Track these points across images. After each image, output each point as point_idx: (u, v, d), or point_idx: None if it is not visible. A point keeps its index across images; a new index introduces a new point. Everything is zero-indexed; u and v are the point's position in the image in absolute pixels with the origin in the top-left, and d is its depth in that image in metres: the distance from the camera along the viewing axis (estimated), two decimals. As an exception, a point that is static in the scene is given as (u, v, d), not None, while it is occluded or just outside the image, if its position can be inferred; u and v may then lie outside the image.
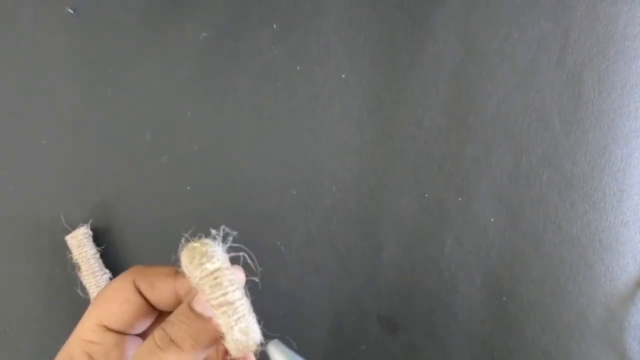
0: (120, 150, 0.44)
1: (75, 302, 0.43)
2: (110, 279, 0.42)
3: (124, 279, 0.29)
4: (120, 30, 0.44)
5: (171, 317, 0.26)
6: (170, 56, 0.44)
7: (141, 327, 0.29)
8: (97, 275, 0.42)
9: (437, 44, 0.43)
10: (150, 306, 0.29)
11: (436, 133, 0.43)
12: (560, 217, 0.42)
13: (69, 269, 0.43)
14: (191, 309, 0.26)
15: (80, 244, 0.42)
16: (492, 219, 0.42)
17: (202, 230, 0.26)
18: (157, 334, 0.26)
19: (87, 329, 0.28)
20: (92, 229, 0.43)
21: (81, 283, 0.42)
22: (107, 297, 0.28)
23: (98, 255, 0.43)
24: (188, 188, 0.43)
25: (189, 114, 0.44)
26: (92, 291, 0.42)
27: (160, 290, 0.28)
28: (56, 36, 0.44)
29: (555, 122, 0.42)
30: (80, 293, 0.42)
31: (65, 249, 0.43)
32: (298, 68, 0.43)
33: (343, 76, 0.43)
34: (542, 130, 0.42)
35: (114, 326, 0.28)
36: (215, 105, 0.44)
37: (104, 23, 0.44)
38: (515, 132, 0.42)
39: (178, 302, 0.28)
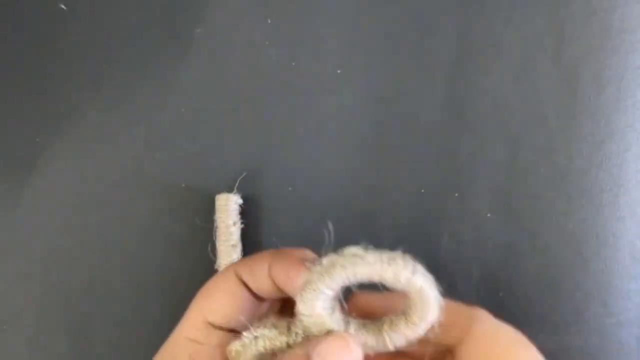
0: (114, 150, 0.44)
1: (73, 301, 0.43)
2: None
3: (227, 271, 0.28)
4: (113, 28, 0.44)
5: None
6: (164, 52, 0.44)
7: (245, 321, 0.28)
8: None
9: (433, 39, 0.42)
10: (255, 297, 0.28)
11: (432, 128, 0.43)
12: (557, 212, 0.42)
13: (64, 268, 0.43)
14: None
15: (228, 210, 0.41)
16: (488, 214, 0.42)
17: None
18: None
19: (192, 326, 0.27)
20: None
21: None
22: (210, 291, 0.28)
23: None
24: (183, 185, 0.43)
25: (182, 110, 0.43)
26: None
27: (259, 278, 0.27)
28: (49, 32, 0.44)
29: (551, 117, 0.42)
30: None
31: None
32: (293, 64, 0.43)
33: (338, 72, 0.43)
34: (538, 125, 0.42)
35: (219, 322, 0.27)
36: (210, 101, 0.43)
37: (96, 20, 0.44)
38: (511, 127, 0.42)
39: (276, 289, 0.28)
